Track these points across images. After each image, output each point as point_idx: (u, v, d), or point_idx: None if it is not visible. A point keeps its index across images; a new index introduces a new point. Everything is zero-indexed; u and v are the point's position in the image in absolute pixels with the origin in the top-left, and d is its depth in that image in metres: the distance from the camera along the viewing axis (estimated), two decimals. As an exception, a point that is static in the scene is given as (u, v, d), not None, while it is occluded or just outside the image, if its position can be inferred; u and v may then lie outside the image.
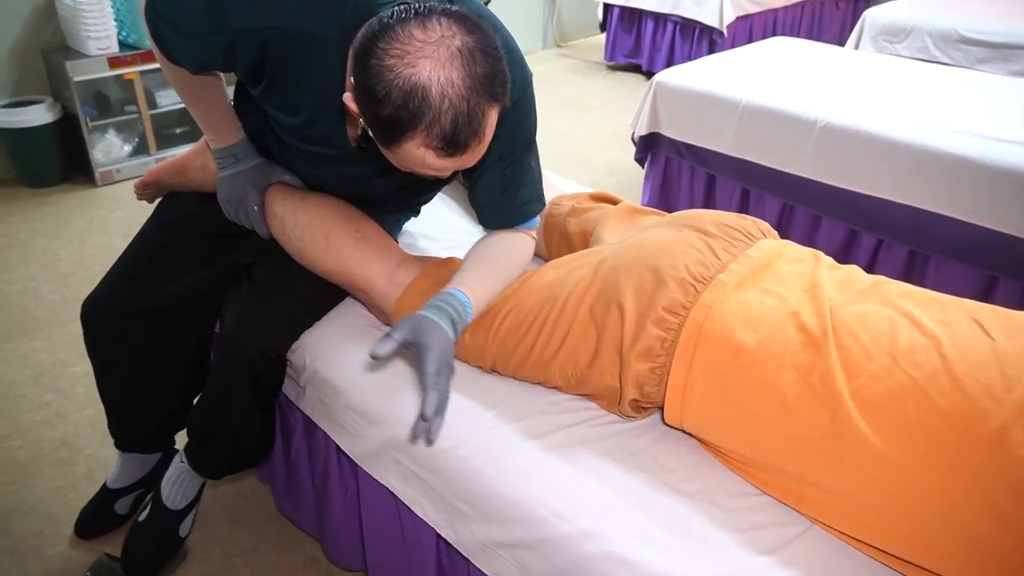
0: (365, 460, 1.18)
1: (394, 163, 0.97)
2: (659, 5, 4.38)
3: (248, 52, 1.04)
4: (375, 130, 0.90)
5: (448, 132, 0.86)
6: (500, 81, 0.89)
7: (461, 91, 0.85)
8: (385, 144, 0.91)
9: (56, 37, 3.14)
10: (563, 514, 0.94)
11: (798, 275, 1.05)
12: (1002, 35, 3.28)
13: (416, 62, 0.84)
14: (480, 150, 0.92)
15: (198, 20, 1.05)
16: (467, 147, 0.89)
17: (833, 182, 2.20)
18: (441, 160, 0.90)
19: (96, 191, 3.13)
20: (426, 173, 0.94)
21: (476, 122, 0.87)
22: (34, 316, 2.30)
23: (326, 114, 1.09)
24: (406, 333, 1.03)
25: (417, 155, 0.89)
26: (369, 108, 0.87)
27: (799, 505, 0.95)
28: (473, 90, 0.86)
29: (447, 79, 0.84)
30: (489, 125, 0.90)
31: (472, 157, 0.92)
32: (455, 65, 0.85)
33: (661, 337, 1.00)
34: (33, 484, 1.69)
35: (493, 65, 0.88)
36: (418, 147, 0.88)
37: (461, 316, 1.08)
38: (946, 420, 0.83)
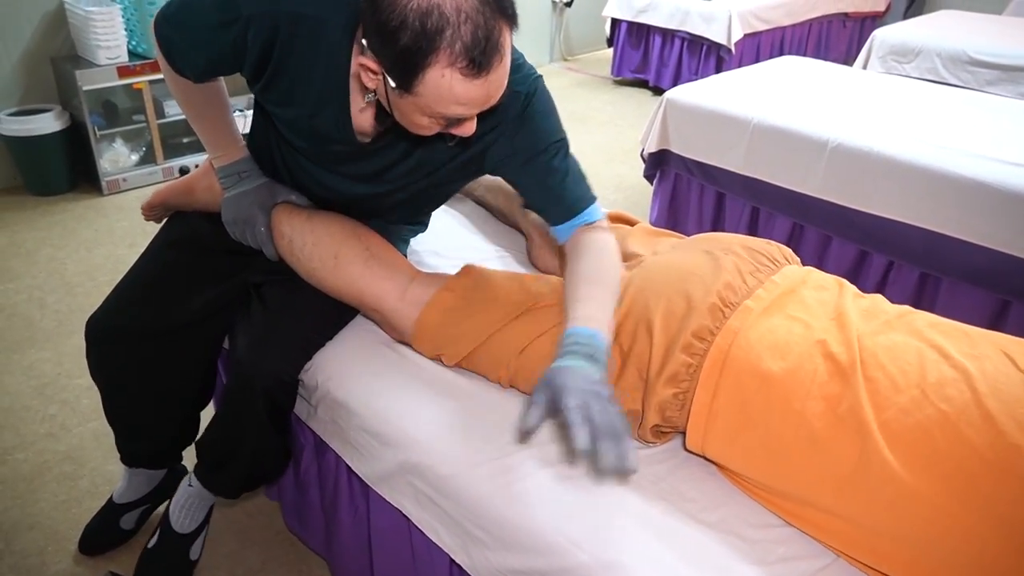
0: (378, 482, 1.17)
1: (416, 122, 0.95)
2: (667, 21, 4.39)
3: (257, 40, 1.03)
4: (396, 70, 0.88)
5: (470, 45, 0.85)
6: (508, 1, 0.89)
7: (474, 4, 0.85)
8: (408, 84, 0.88)
9: (66, 46, 3.14)
10: (581, 543, 0.93)
11: (823, 303, 1.04)
12: (1011, 57, 3.28)
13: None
14: (503, 73, 0.91)
15: (210, 17, 1.05)
16: (491, 65, 0.87)
17: (844, 203, 2.20)
18: (468, 84, 0.88)
19: (103, 200, 3.12)
20: (454, 112, 0.92)
21: (495, 36, 0.86)
22: (39, 326, 2.29)
23: (332, 101, 1.08)
24: (545, 392, 0.93)
25: (443, 83, 0.87)
26: (387, 46, 0.86)
27: (824, 537, 0.93)
28: (485, 3, 0.85)
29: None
30: (507, 44, 0.90)
31: (497, 81, 0.91)
32: None
33: (687, 363, 0.99)
34: (37, 498, 1.68)
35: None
36: (443, 72, 0.86)
37: (592, 344, 0.99)
38: (978, 456, 0.82)
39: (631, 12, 4.56)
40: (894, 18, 5.19)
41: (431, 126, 0.96)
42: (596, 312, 1.05)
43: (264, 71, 1.08)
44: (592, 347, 0.98)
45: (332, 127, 1.11)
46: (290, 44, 1.04)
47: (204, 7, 1.06)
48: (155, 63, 3.07)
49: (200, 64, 1.14)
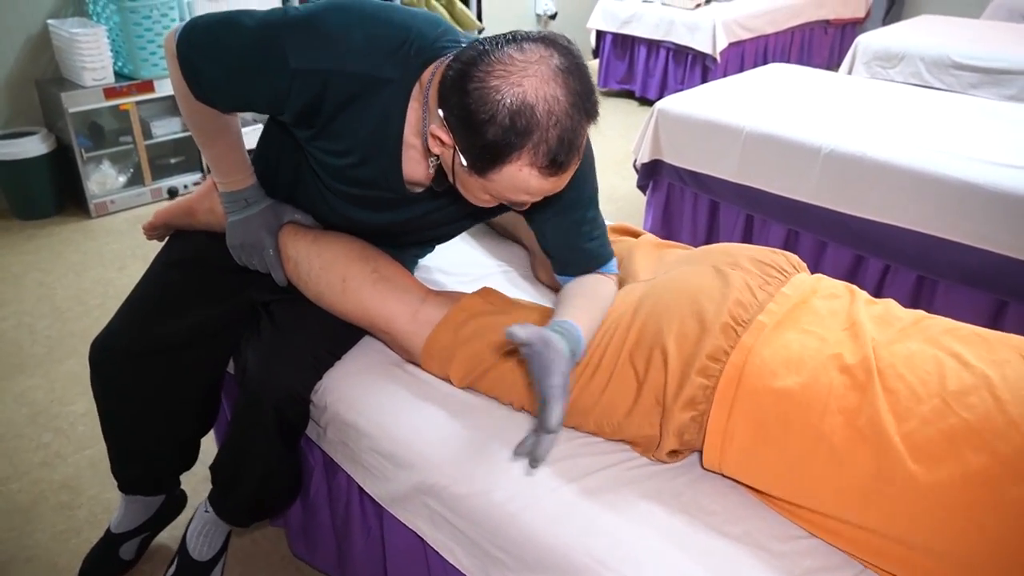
0: (391, 504, 1.15)
1: (477, 197, 0.95)
2: (652, 32, 4.42)
3: (304, 94, 1.01)
4: (476, 157, 0.88)
5: (555, 149, 0.85)
6: (594, 99, 0.90)
7: (566, 107, 0.85)
8: (484, 170, 0.88)
9: (50, 68, 3.11)
10: (607, 561, 0.91)
11: (835, 312, 1.03)
12: (993, 60, 3.32)
13: (522, 80, 0.83)
14: (573, 171, 0.92)
15: (248, 60, 1.02)
16: (568, 165, 0.89)
17: (839, 208, 2.21)
18: (543, 180, 0.88)
19: (90, 223, 3.08)
20: (519, 199, 0.93)
21: (578, 139, 0.87)
22: (29, 353, 2.25)
23: (380, 156, 1.07)
24: (534, 336, 0.96)
25: (519, 177, 0.87)
26: (471, 134, 0.86)
27: (850, 547, 0.92)
28: (575, 106, 0.86)
29: (552, 96, 0.84)
30: (584, 143, 0.90)
31: (566, 179, 0.92)
32: (558, 83, 0.85)
33: (704, 385, 0.98)
34: (34, 530, 1.64)
35: (588, 83, 0.89)
36: (521, 168, 0.86)
37: (576, 341, 1.02)
38: (1003, 464, 0.81)
39: (616, 23, 4.59)
40: (873, 24, 5.26)
41: (491, 202, 0.96)
42: (581, 318, 1.07)
43: (312, 123, 1.06)
44: (576, 343, 1.02)
45: (379, 177, 1.10)
46: (341, 100, 1.02)
47: (243, 47, 1.02)
48: (142, 84, 3.05)
49: (231, 100, 1.10)
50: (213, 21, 1.05)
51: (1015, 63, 3.28)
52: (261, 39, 1.00)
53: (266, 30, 1.00)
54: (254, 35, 1.01)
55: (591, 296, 1.15)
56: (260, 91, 1.04)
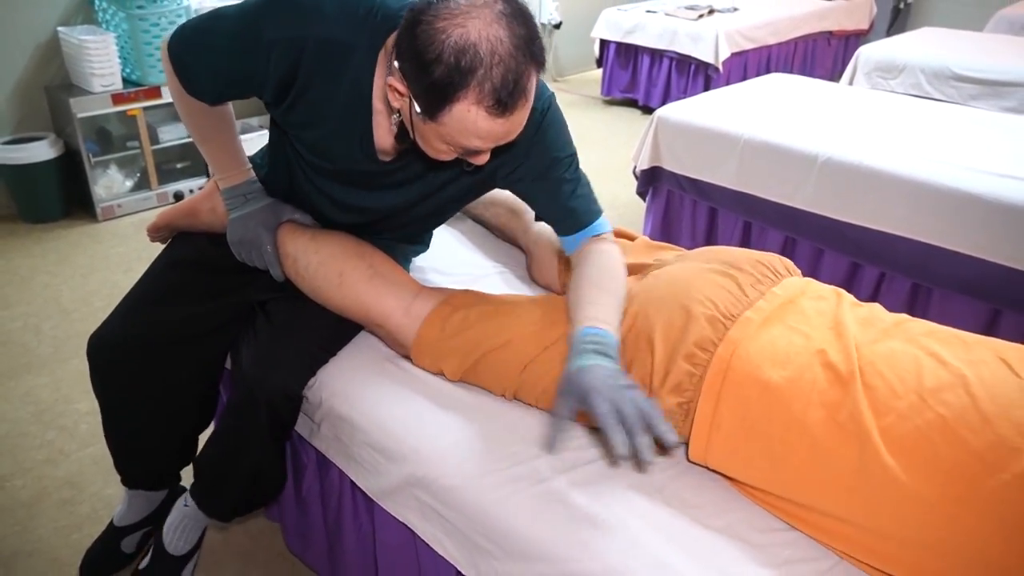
0: (383, 497, 1.17)
1: (434, 147, 0.99)
2: (655, 41, 4.45)
3: (280, 64, 1.06)
4: (425, 98, 0.91)
5: (499, 87, 0.88)
6: (539, 44, 0.93)
7: (509, 48, 0.88)
8: (434, 113, 0.91)
9: (59, 74, 3.16)
10: (591, 551, 0.93)
11: (822, 313, 1.05)
12: (993, 72, 3.34)
13: (465, 22, 0.87)
14: (524, 115, 0.95)
15: (231, 43, 1.08)
16: (515, 106, 0.91)
17: (835, 216, 2.22)
18: (490, 121, 0.91)
19: (97, 226, 3.13)
20: (472, 145, 0.95)
21: (523, 81, 0.90)
22: (36, 353, 2.28)
23: (353, 122, 1.11)
24: (567, 401, 0.97)
25: (468, 118, 0.91)
26: (420, 74, 0.89)
27: (828, 540, 0.94)
28: (519, 48, 0.89)
29: (496, 36, 0.88)
30: (531, 88, 0.93)
31: (518, 121, 0.95)
32: (501, 25, 0.89)
33: (690, 372, 1.00)
34: (37, 525, 1.66)
35: (532, 29, 0.92)
36: (469, 107, 0.90)
37: (600, 341, 1.02)
38: (978, 458, 0.83)
39: (619, 33, 4.63)
40: (877, 36, 5.28)
41: (448, 152, 1.00)
42: (603, 314, 1.08)
43: (287, 94, 1.10)
44: (604, 344, 1.02)
45: (355, 146, 1.14)
46: (314, 67, 1.06)
47: (223, 33, 1.09)
48: (150, 90, 3.10)
49: (218, 89, 1.17)
50: (200, 18, 1.13)
51: (1016, 75, 3.30)
52: (240, 21, 1.07)
53: (245, 10, 1.07)
54: (234, 20, 1.08)
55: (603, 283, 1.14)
56: (243, 71, 1.10)
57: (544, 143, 1.15)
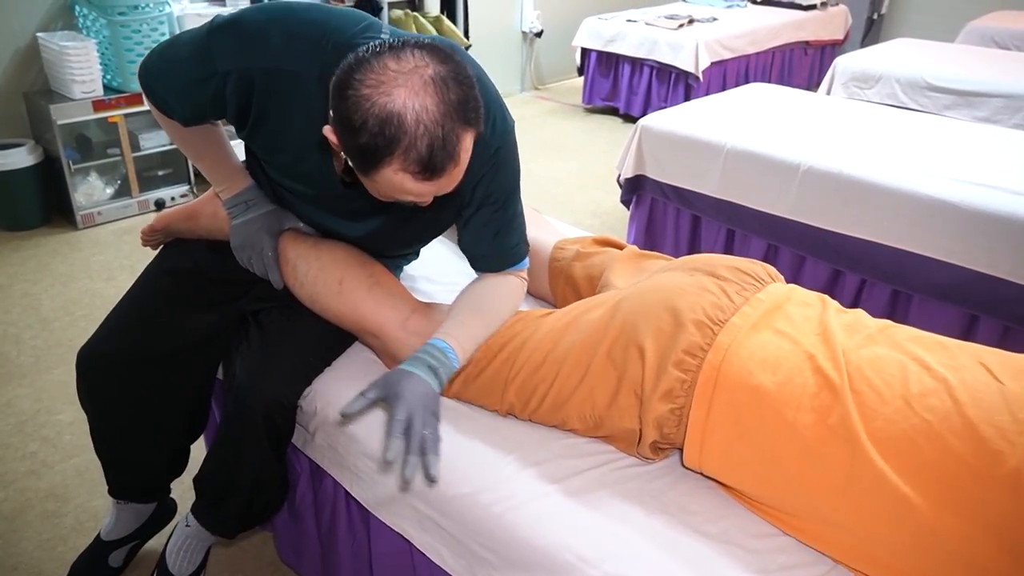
0: (378, 507, 1.17)
1: (374, 192, 0.99)
2: (636, 50, 4.50)
3: (235, 94, 1.07)
4: (354, 159, 0.92)
5: (424, 156, 0.89)
6: (473, 107, 0.93)
7: (435, 116, 0.88)
8: (364, 172, 0.93)
9: (39, 80, 3.13)
10: (590, 559, 0.94)
11: (808, 319, 1.08)
12: (966, 83, 3.42)
13: (391, 91, 0.87)
14: (457, 175, 0.95)
15: (188, 72, 1.10)
16: (443, 171, 0.92)
17: (817, 223, 2.26)
18: (419, 184, 0.92)
19: (77, 234, 3.09)
20: (405, 199, 0.97)
21: (451, 146, 0.90)
22: (16, 363, 2.25)
23: (312, 151, 1.11)
24: (378, 390, 1.06)
25: (395, 180, 0.91)
26: (347, 137, 0.90)
27: (821, 546, 0.96)
28: (447, 115, 0.89)
29: (421, 106, 0.87)
30: (464, 149, 0.93)
31: (449, 182, 0.95)
32: (428, 92, 0.88)
33: (681, 379, 1.02)
34: (20, 538, 1.64)
35: (466, 92, 0.91)
36: (396, 172, 0.90)
37: (443, 362, 1.11)
38: (962, 463, 0.85)
39: (600, 42, 4.66)
40: (852, 46, 5.38)
41: (387, 198, 1.00)
42: (462, 334, 1.16)
43: (246, 122, 1.11)
44: (440, 361, 1.10)
45: (315, 171, 1.14)
46: (267, 97, 1.07)
47: (182, 60, 1.11)
48: (131, 97, 3.07)
49: (188, 113, 1.18)
50: (163, 44, 1.15)
51: (987, 86, 3.38)
52: (194, 50, 1.08)
53: (198, 40, 1.08)
54: (189, 48, 1.09)
55: (483, 306, 1.21)
56: (202, 98, 1.11)
57: (490, 178, 1.16)
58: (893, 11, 5.73)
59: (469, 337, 1.17)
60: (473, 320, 1.19)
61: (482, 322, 1.20)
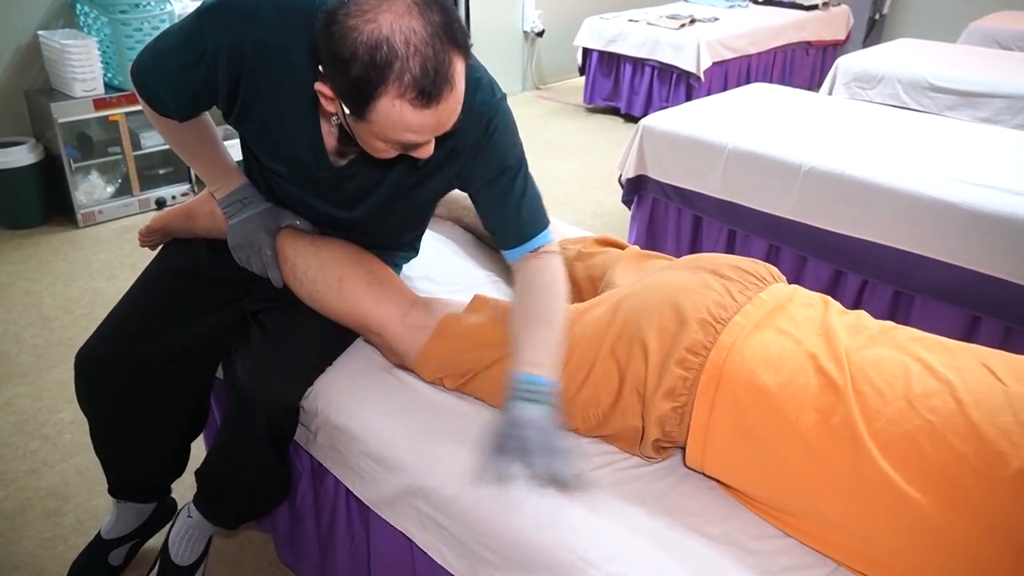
0: (380, 506, 1.17)
1: (374, 146, 0.98)
2: (637, 50, 4.49)
3: (226, 72, 1.07)
4: (349, 99, 0.91)
5: (419, 77, 0.87)
6: (459, 28, 0.91)
7: (424, 37, 0.87)
8: (360, 112, 0.91)
9: (40, 78, 3.12)
10: (592, 560, 0.94)
11: (810, 319, 1.07)
12: (967, 84, 3.42)
13: (376, 16, 0.86)
14: (454, 103, 0.93)
15: (180, 58, 1.09)
16: (440, 96, 0.90)
17: (818, 224, 2.26)
18: (418, 113, 0.90)
19: (78, 232, 3.09)
20: (407, 139, 0.94)
21: (444, 68, 0.89)
22: (17, 361, 2.25)
23: (304, 125, 1.10)
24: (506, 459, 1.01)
25: (394, 113, 0.90)
26: (339, 76, 0.89)
27: (823, 547, 0.96)
28: (435, 36, 0.88)
29: (408, 27, 0.87)
30: (458, 73, 0.92)
31: (448, 110, 0.93)
32: (413, 15, 0.87)
33: (684, 377, 1.02)
34: (20, 537, 1.64)
35: (449, 14, 0.91)
36: (393, 103, 0.89)
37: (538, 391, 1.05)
38: (965, 463, 0.85)
39: (602, 42, 4.66)
40: (854, 46, 5.37)
41: (388, 149, 0.99)
42: (542, 356, 1.10)
43: (236, 101, 1.11)
44: (537, 392, 1.05)
45: (307, 151, 1.13)
46: (256, 71, 1.06)
47: (173, 48, 1.10)
48: (132, 95, 3.06)
49: (181, 103, 1.17)
50: (151, 41, 1.15)
51: (989, 87, 3.37)
52: (184, 35, 1.08)
53: (187, 25, 1.08)
54: (179, 35, 1.09)
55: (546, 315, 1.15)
56: (195, 83, 1.10)
57: (490, 149, 1.14)
58: (895, 11, 5.72)
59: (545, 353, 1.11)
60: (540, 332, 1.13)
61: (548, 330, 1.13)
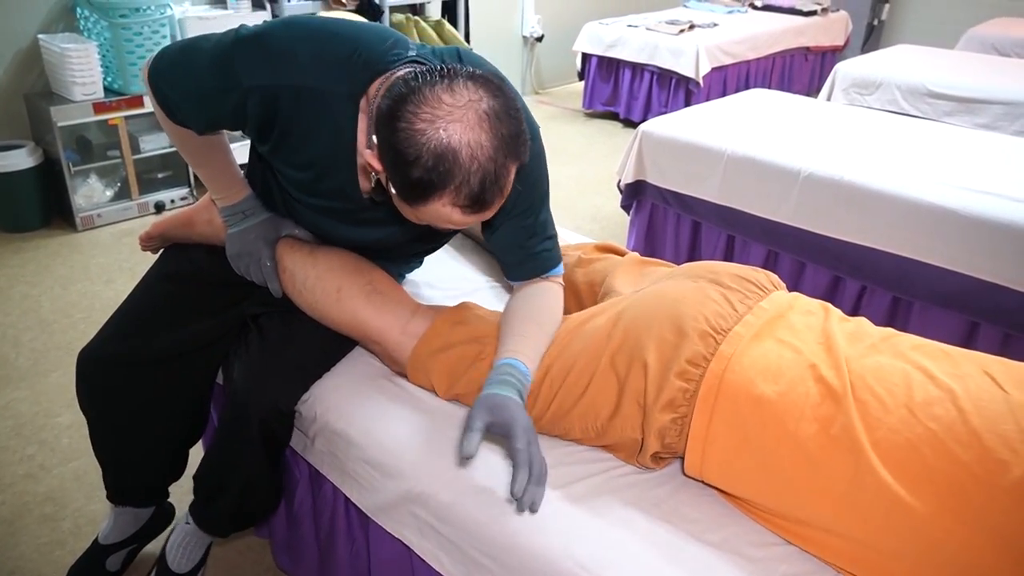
0: (378, 513, 1.17)
1: (409, 216, 0.99)
2: (636, 55, 4.50)
3: (258, 109, 1.06)
4: (402, 190, 0.91)
5: (476, 192, 0.89)
6: (523, 140, 0.93)
7: (489, 152, 0.88)
8: (410, 203, 0.92)
9: (40, 82, 3.13)
10: (590, 566, 0.94)
11: (810, 327, 1.07)
12: (966, 90, 3.43)
13: (447, 126, 0.86)
14: (500, 204, 0.95)
15: (207, 82, 1.07)
16: (491, 204, 0.93)
17: (817, 230, 2.26)
18: (465, 216, 0.93)
19: (77, 236, 3.09)
20: (446, 228, 0.97)
21: (502, 181, 0.91)
22: (15, 365, 2.24)
23: (337, 167, 1.10)
24: (486, 417, 1.01)
25: (443, 213, 0.92)
26: (398, 169, 0.89)
27: (824, 554, 0.95)
28: (499, 151, 0.89)
29: (476, 142, 0.87)
30: (510, 181, 0.94)
31: (493, 211, 0.96)
32: (483, 128, 0.88)
33: (683, 388, 1.02)
34: (17, 542, 1.64)
35: (517, 126, 0.92)
36: (444, 206, 0.90)
37: (524, 383, 1.08)
38: (967, 471, 0.85)
39: (601, 47, 4.67)
40: (852, 52, 5.38)
41: (423, 224, 1.00)
42: (529, 349, 1.12)
43: (268, 137, 1.10)
44: (523, 384, 1.07)
45: (340, 189, 1.14)
46: (293, 115, 1.06)
47: (201, 70, 1.07)
48: (132, 99, 3.07)
49: (202, 122, 1.15)
50: (176, 49, 1.11)
51: (987, 93, 3.39)
52: (216, 60, 1.05)
53: (220, 51, 1.05)
54: (210, 57, 1.06)
55: (538, 317, 1.18)
56: (222, 110, 1.09)
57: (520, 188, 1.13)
58: (893, 17, 5.74)
59: (534, 351, 1.13)
60: (535, 332, 1.16)
61: (541, 332, 1.16)
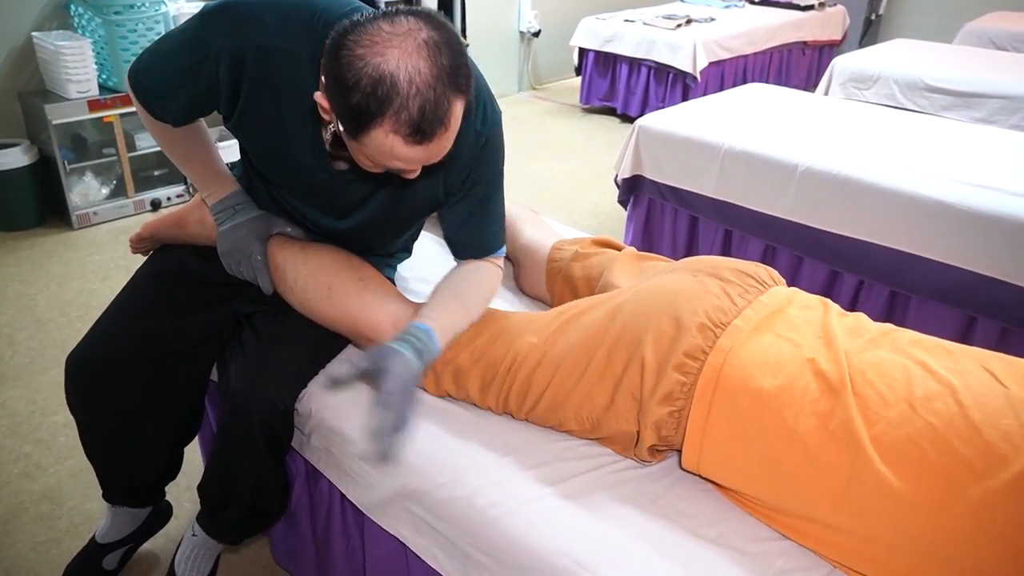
0: (374, 510, 1.16)
1: (362, 161, 1.00)
2: (633, 50, 4.49)
3: (228, 75, 1.07)
4: (345, 121, 0.92)
5: (416, 118, 0.89)
6: (464, 74, 0.93)
7: (428, 79, 0.88)
8: (354, 134, 0.92)
9: (34, 80, 3.11)
10: (586, 563, 0.93)
11: (809, 322, 1.07)
12: (963, 84, 3.42)
13: (385, 51, 0.87)
14: (446, 142, 0.95)
15: (182, 59, 1.10)
16: (433, 135, 0.92)
17: (815, 224, 2.26)
18: (409, 148, 0.92)
19: (72, 234, 3.08)
20: (394, 166, 0.97)
21: (442, 111, 0.90)
22: (10, 364, 2.24)
23: (306, 128, 1.11)
24: (366, 362, 1.06)
25: (385, 144, 0.91)
26: (339, 98, 0.90)
27: (821, 549, 0.95)
28: (439, 79, 0.89)
29: (414, 67, 0.88)
30: (455, 116, 0.93)
31: (438, 148, 0.95)
32: (422, 55, 0.88)
33: (681, 381, 1.01)
34: (13, 541, 1.63)
35: (457, 58, 0.92)
36: (386, 134, 0.90)
37: (426, 345, 1.11)
38: (967, 466, 0.85)
39: (598, 42, 4.66)
40: (850, 46, 5.38)
41: (375, 167, 1.01)
42: (445, 319, 1.17)
43: (236, 105, 1.11)
44: (425, 346, 1.11)
45: (308, 154, 1.14)
46: (259, 77, 1.07)
47: (174, 51, 1.11)
48: (126, 96, 3.05)
49: (180, 107, 1.17)
50: (151, 45, 1.16)
51: (984, 87, 3.38)
52: (186, 38, 1.09)
53: (188, 28, 1.09)
54: (180, 38, 1.11)
55: (463, 294, 1.22)
56: (198, 85, 1.11)
57: (479, 166, 1.17)
58: (891, 11, 5.73)
59: (450, 322, 1.18)
60: (453, 306, 1.20)
61: (462, 308, 1.21)
